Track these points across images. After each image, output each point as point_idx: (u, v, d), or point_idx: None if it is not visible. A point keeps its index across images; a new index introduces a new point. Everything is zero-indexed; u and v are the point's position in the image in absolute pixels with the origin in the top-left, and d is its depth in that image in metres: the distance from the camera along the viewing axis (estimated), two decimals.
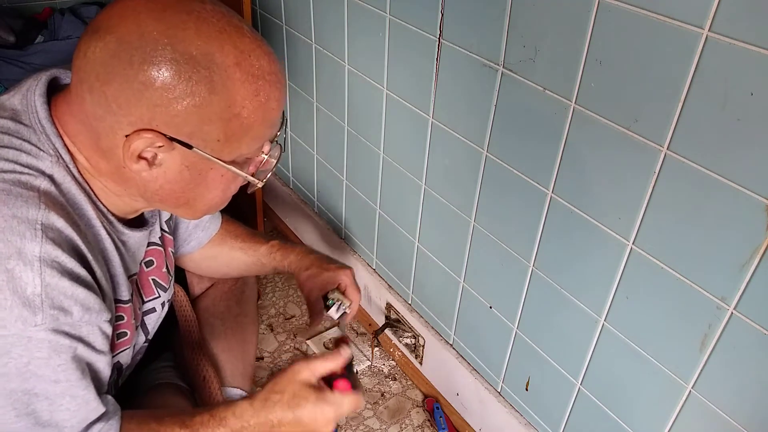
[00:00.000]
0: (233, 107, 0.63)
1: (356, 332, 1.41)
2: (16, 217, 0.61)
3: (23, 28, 1.62)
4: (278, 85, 0.67)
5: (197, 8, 0.62)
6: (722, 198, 0.62)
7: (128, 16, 0.61)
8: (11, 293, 0.59)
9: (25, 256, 0.60)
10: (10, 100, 0.70)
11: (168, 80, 0.60)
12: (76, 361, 0.65)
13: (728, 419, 0.69)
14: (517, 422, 1.02)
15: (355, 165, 1.26)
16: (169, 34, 0.60)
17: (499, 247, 0.94)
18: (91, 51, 0.62)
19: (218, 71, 0.61)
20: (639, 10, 0.63)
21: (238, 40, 0.63)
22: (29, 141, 0.66)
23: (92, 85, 0.63)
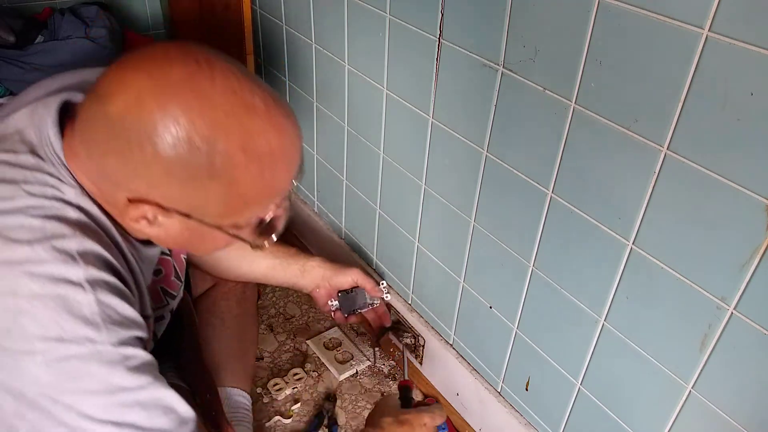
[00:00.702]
0: (235, 188, 0.62)
1: (356, 332, 1.41)
2: (55, 249, 0.62)
3: (23, 28, 1.62)
4: (288, 159, 0.65)
5: (204, 87, 0.59)
6: (722, 198, 0.62)
7: (131, 93, 0.59)
8: (70, 316, 0.61)
9: (71, 280, 0.62)
10: (26, 134, 0.68)
11: (167, 164, 0.60)
12: (146, 366, 0.67)
13: (728, 419, 0.69)
14: (517, 422, 1.02)
15: (355, 165, 1.26)
16: (170, 119, 0.58)
17: (499, 247, 0.94)
18: (93, 119, 0.62)
19: (220, 157, 0.60)
20: (639, 10, 0.63)
21: (246, 122, 0.60)
22: (51, 174, 0.66)
23: (93, 153, 0.64)
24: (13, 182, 0.65)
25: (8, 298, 0.61)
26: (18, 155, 0.67)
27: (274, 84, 1.50)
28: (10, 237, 0.62)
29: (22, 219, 0.63)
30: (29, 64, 1.56)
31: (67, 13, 1.66)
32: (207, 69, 0.60)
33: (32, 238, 0.62)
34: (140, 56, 0.62)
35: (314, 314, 1.44)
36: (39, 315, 0.61)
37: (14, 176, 0.65)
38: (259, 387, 1.25)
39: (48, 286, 0.61)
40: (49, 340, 0.61)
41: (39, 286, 0.61)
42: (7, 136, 0.69)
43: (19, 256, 0.62)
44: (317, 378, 1.29)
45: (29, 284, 0.61)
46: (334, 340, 1.37)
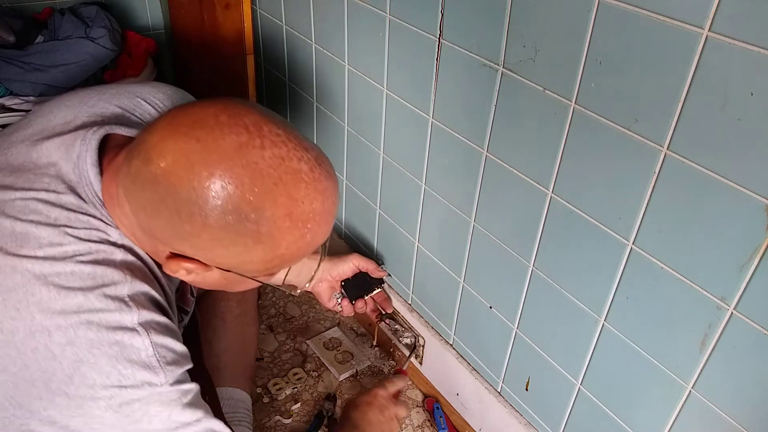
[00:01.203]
0: (277, 250, 0.64)
1: (356, 332, 1.41)
2: (107, 297, 0.65)
3: (23, 28, 1.62)
4: (328, 219, 0.66)
5: (255, 158, 0.60)
6: (722, 198, 0.62)
7: (181, 162, 0.59)
8: (128, 362, 0.65)
9: (126, 326, 0.65)
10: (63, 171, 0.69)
11: (214, 232, 0.61)
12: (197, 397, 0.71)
13: (728, 419, 0.69)
14: (517, 422, 1.02)
15: (355, 165, 1.26)
16: (222, 190, 0.59)
17: (499, 247, 0.94)
18: (140, 179, 0.62)
19: (267, 224, 0.61)
20: (639, 10, 0.63)
21: (292, 189, 0.61)
22: (94, 216, 0.68)
23: (137, 211, 0.65)
24: (58, 225, 0.66)
25: (67, 347, 0.63)
26: (59, 195, 0.68)
27: (274, 84, 1.50)
28: (63, 285, 0.64)
29: (72, 266, 0.65)
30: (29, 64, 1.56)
31: (67, 13, 1.66)
32: (257, 136, 0.60)
33: (84, 286, 0.64)
34: (190, 119, 0.62)
35: (314, 314, 1.44)
36: (99, 363, 0.64)
37: (58, 217, 0.66)
38: (259, 387, 1.26)
39: (104, 334, 0.64)
40: (110, 387, 0.64)
41: (96, 335, 0.64)
42: (41, 168, 0.70)
43: (73, 305, 0.64)
44: (317, 378, 1.29)
45: (86, 333, 0.63)
46: (334, 340, 1.37)
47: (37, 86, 1.55)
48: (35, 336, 0.63)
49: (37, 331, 0.63)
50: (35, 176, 0.69)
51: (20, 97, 1.55)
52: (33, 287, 0.63)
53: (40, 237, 0.65)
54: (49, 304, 0.63)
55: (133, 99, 0.83)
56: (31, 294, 0.63)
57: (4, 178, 0.70)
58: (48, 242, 0.65)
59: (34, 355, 0.63)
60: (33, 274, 0.64)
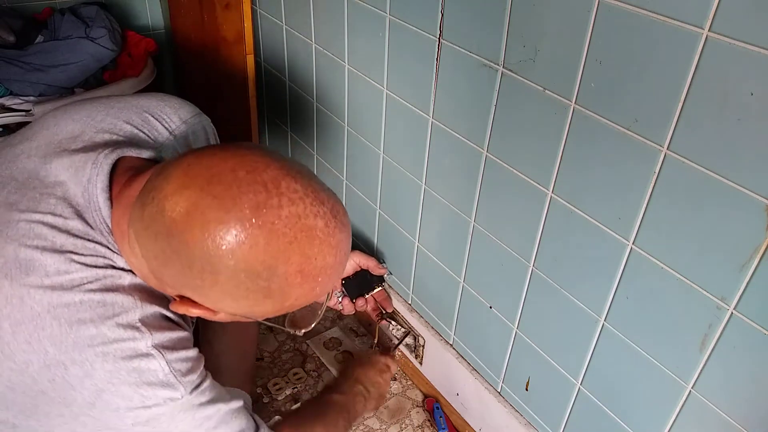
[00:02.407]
0: (286, 302, 0.64)
1: (356, 333, 1.41)
2: (120, 326, 0.66)
3: (23, 28, 1.62)
4: (338, 272, 0.66)
5: (272, 219, 0.58)
6: (722, 198, 0.62)
7: (197, 219, 0.58)
8: (148, 386, 0.67)
9: (142, 352, 0.67)
10: (71, 193, 0.68)
11: (225, 288, 0.61)
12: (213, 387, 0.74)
13: (728, 419, 0.69)
14: (517, 422, 1.02)
15: (355, 165, 1.26)
16: (236, 250, 0.58)
17: (499, 247, 0.94)
18: (153, 228, 0.61)
19: (278, 280, 0.61)
20: (639, 10, 0.63)
21: (306, 246, 0.60)
22: (100, 243, 0.68)
23: (148, 258, 0.64)
24: (63, 251, 0.65)
25: (86, 379, 0.64)
26: (66, 221, 0.67)
27: (274, 84, 1.50)
28: (74, 318, 0.64)
29: (81, 295, 0.65)
30: (29, 64, 1.56)
31: (67, 13, 1.66)
32: (275, 195, 0.59)
33: (95, 316, 0.65)
34: (207, 173, 0.60)
35: None
36: (120, 390, 0.66)
37: (64, 244, 0.66)
38: (259, 387, 1.25)
39: (121, 363, 0.65)
40: (134, 409, 0.66)
41: (113, 366, 0.65)
42: (47, 187, 0.69)
43: (86, 338, 0.64)
44: (317, 378, 1.29)
45: (104, 365, 0.65)
46: (334, 340, 1.37)
47: (37, 86, 1.55)
48: (51, 369, 0.64)
49: (52, 365, 0.63)
50: (41, 196, 0.68)
51: (20, 97, 1.55)
52: (43, 320, 0.63)
53: (46, 264, 0.65)
54: (62, 338, 0.63)
55: (141, 114, 0.82)
56: (41, 328, 0.63)
57: (9, 195, 0.69)
58: (55, 270, 0.64)
59: (52, 384, 0.64)
60: (42, 306, 0.63)
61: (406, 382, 1.30)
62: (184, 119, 0.86)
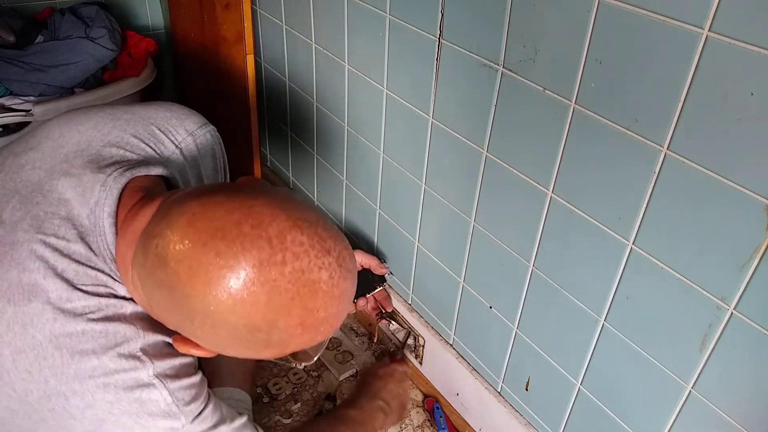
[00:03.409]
0: (286, 351, 0.64)
1: (356, 333, 1.41)
2: (121, 356, 0.65)
3: (23, 28, 1.62)
4: (340, 318, 0.65)
5: (274, 276, 0.57)
6: (722, 198, 0.62)
7: (198, 273, 0.57)
8: (150, 416, 0.66)
9: (143, 381, 0.66)
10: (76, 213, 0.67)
11: (226, 340, 0.60)
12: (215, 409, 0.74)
13: (728, 419, 0.69)
14: (517, 422, 1.02)
15: (355, 165, 1.26)
16: (236, 307, 0.57)
17: (499, 247, 0.94)
18: (154, 280, 0.60)
19: (278, 333, 0.60)
20: (639, 10, 0.63)
21: (309, 300, 0.59)
22: (102, 271, 0.67)
23: (150, 303, 0.64)
24: (65, 278, 0.65)
25: (87, 410, 0.64)
26: (69, 244, 0.66)
27: (274, 84, 1.50)
28: (76, 349, 0.64)
29: (84, 324, 0.64)
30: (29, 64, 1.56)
31: (67, 13, 1.66)
32: (279, 251, 0.57)
33: (97, 347, 0.64)
34: (212, 226, 0.58)
35: None
36: (121, 421, 0.65)
37: (65, 269, 0.65)
38: (259, 387, 1.25)
39: (123, 394, 0.65)
40: None
41: (114, 397, 0.65)
42: (52, 205, 0.68)
43: (87, 369, 0.64)
44: (317, 378, 1.29)
45: (105, 396, 0.64)
46: (334, 340, 1.37)
47: (37, 86, 1.55)
48: (51, 399, 0.63)
49: (53, 395, 0.63)
50: (45, 215, 0.67)
51: (20, 97, 1.55)
52: (44, 350, 0.63)
53: (48, 290, 0.64)
54: (63, 369, 0.63)
55: (147, 127, 0.80)
56: (42, 358, 0.63)
57: (13, 212, 0.68)
58: (57, 297, 0.64)
59: (52, 414, 0.64)
60: (44, 335, 0.63)
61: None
62: (190, 131, 0.85)
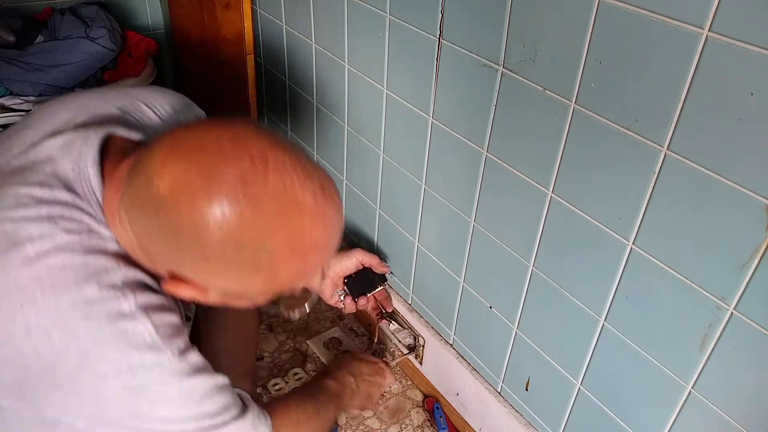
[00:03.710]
0: (277, 279, 0.64)
1: (356, 333, 1.41)
2: (102, 286, 0.65)
3: (23, 28, 1.62)
4: (328, 250, 0.66)
5: (258, 190, 0.58)
6: (722, 198, 0.62)
7: (184, 189, 0.58)
8: (134, 348, 0.65)
9: (125, 312, 0.65)
10: (61, 167, 0.68)
11: (213, 263, 0.61)
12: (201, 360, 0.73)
13: (728, 419, 0.69)
14: (517, 422, 1.02)
15: (355, 165, 1.26)
16: (222, 222, 0.58)
17: (499, 247, 0.94)
18: (141, 201, 0.61)
19: (267, 256, 0.60)
20: (639, 10, 0.63)
21: (295, 221, 0.60)
22: (87, 212, 0.67)
23: (138, 233, 0.64)
24: (49, 219, 0.65)
25: (71, 343, 0.63)
26: (53, 191, 0.67)
27: (274, 84, 1.50)
28: (57, 283, 0.63)
29: (63, 258, 0.64)
30: (29, 64, 1.56)
31: (67, 13, 1.66)
32: (260, 165, 0.58)
33: (78, 278, 0.64)
34: (193, 143, 0.60)
35: (314, 314, 1.44)
36: (105, 354, 0.64)
37: (49, 213, 0.66)
38: (259, 387, 1.25)
39: (105, 326, 0.64)
40: (121, 374, 0.65)
41: (97, 329, 0.64)
42: (38, 165, 0.69)
43: (68, 300, 0.63)
44: None
45: (87, 328, 0.63)
46: (334, 340, 1.37)
47: (37, 86, 1.55)
48: (33, 336, 0.63)
49: (35, 331, 0.63)
50: (31, 173, 0.68)
51: (20, 97, 1.55)
52: (26, 289, 0.63)
53: (30, 233, 0.64)
54: (43, 304, 0.63)
55: (133, 102, 0.82)
56: (24, 297, 0.63)
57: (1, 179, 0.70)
58: (38, 236, 0.64)
59: (36, 354, 0.63)
60: (26, 277, 0.63)
61: (406, 382, 1.30)
62: (177, 108, 0.87)
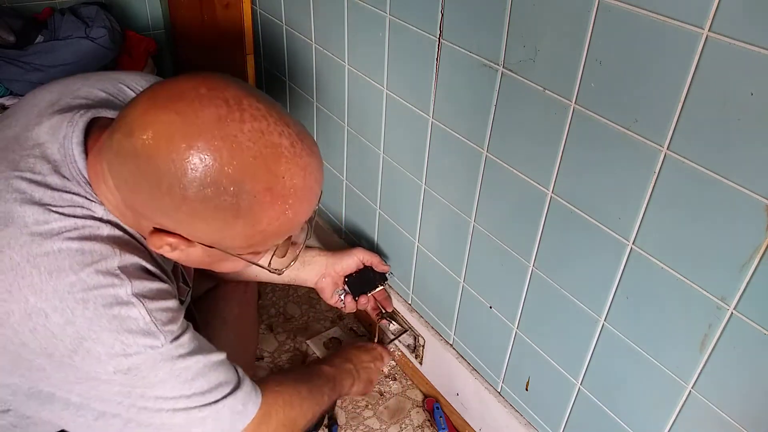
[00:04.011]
0: (258, 226, 0.64)
1: (356, 332, 1.41)
2: (99, 272, 0.66)
3: (23, 28, 1.62)
4: (310, 196, 0.67)
5: (234, 132, 0.60)
6: (722, 198, 0.62)
7: (162, 133, 0.60)
8: (129, 333, 0.66)
9: (122, 299, 0.66)
10: (49, 151, 0.70)
11: (194, 205, 0.61)
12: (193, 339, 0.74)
13: (728, 419, 0.69)
14: (517, 422, 1.02)
15: (355, 165, 1.26)
16: (201, 163, 0.59)
17: (499, 247, 0.94)
18: (122, 152, 0.63)
19: (246, 197, 0.61)
20: (639, 10, 0.63)
21: (272, 163, 0.62)
22: (78, 194, 0.68)
23: (120, 185, 0.66)
24: (42, 204, 0.66)
25: (67, 327, 0.64)
26: (45, 177, 0.68)
27: (274, 84, 1.50)
28: (54, 266, 0.64)
29: (60, 243, 0.65)
30: (29, 64, 1.56)
31: (67, 13, 1.66)
32: (236, 110, 0.61)
33: (74, 264, 0.65)
34: (170, 92, 0.62)
35: (314, 314, 1.44)
36: (101, 338, 0.65)
37: (42, 197, 0.67)
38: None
39: (102, 310, 0.65)
40: (114, 356, 0.66)
41: (94, 313, 0.65)
42: (27, 150, 0.70)
43: (66, 285, 0.64)
44: None
45: (84, 312, 0.64)
46: (334, 340, 1.37)
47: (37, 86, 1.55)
48: (32, 317, 0.64)
49: (33, 313, 0.64)
50: (20, 157, 0.70)
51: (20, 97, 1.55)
52: (22, 270, 0.64)
53: (24, 215, 0.65)
54: (42, 286, 0.64)
55: (115, 84, 0.84)
56: (21, 277, 0.64)
57: None
58: (33, 220, 0.65)
59: (33, 334, 0.64)
60: (22, 256, 0.64)
61: (406, 382, 1.30)
62: None
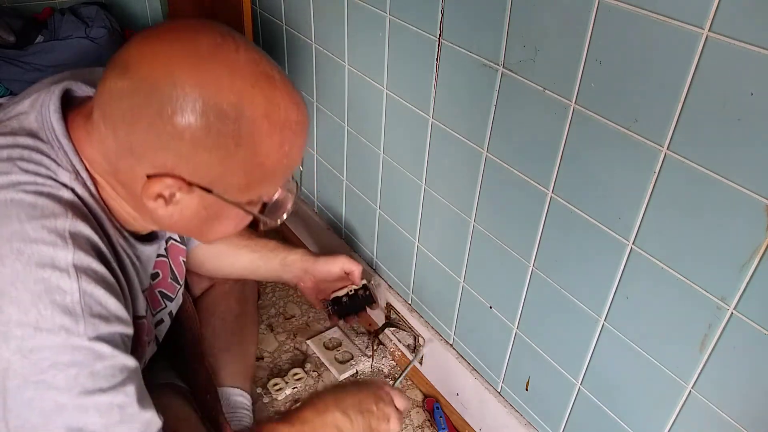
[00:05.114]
0: (257, 157, 0.64)
1: (356, 332, 1.41)
2: (45, 228, 0.61)
3: (23, 28, 1.62)
4: (302, 134, 0.67)
5: (231, 58, 0.61)
6: (722, 198, 0.62)
7: (160, 61, 0.60)
8: (51, 303, 0.59)
9: (59, 263, 0.60)
10: (26, 119, 0.68)
11: (197, 133, 0.60)
12: (117, 369, 0.64)
13: (728, 419, 0.69)
14: (517, 422, 1.02)
15: (355, 165, 1.26)
16: (202, 87, 0.59)
17: (499, 247, 0.94)
18: (118, 91, 0.61)
19: (246, 124, 0.61)
20: (639, 10, 0.63)
21: (268, 92, 0.62)
22: (48, 155, 0.66)
23: (116, 125, 0.63)
24: (9, 160, 0.64)
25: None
26: (16, 137, 0.66)
27: None
28: (2, 213, 0.61)
29: (14, 194, 0.62)
30: (29, 64, 1.56)
31: (67, 13, 1.66)
32: (231, 41, 0.62)
33: (23, 215, 0.61)
34: (164, 29, 0.63)
35: (314, 314, 1.44)
36: (20, 298, 0.59)
37: (10, 154, 0.65)
38: (259, 387, 1.25)
39: (32, 269, 0.59)
40: (25, 326, 0.59)
41: (24, 268, 0.59)
42: (5, 122, 0.69)
43: (7, 231, 0.60)
44: (317, 378, 1.29)
45: (14, 263, 0.59)
46: (334, 340, 1.37)
47: None
48: None
49: None
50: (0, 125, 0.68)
51: None
52: None
53: None
54: None
55: (87, 69, 0.82)
56: None
57: None
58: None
59: None
60: None
61: (406, 382, 1.30)
62: None
